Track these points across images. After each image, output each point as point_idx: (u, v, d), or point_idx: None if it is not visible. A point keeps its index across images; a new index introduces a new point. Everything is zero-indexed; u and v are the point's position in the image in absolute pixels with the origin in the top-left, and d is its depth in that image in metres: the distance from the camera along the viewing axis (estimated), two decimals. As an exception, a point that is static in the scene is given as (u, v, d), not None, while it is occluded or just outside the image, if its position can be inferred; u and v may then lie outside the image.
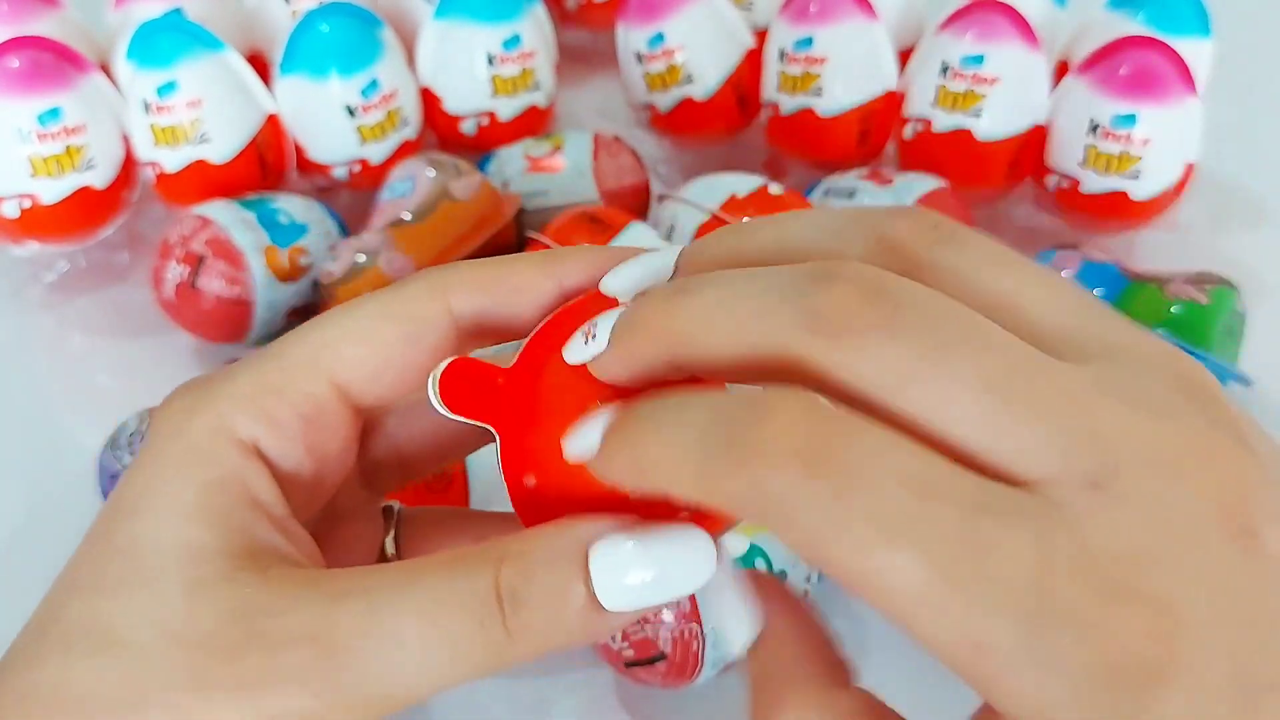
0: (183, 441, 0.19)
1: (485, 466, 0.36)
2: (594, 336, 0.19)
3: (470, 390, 0.19)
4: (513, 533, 0.19)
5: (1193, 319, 0.41)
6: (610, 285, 0.20)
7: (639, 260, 0.20)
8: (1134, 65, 0.44)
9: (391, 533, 0.24)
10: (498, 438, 0.19)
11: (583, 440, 0.18)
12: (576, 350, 0.19)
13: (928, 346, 0.15)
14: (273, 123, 0.48)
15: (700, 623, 0.31)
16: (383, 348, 0.20)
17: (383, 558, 0.24)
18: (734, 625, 0.20)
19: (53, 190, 0.44)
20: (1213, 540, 0.14)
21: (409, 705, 0.18)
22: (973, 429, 0.15)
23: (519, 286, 0.21)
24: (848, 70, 0.48)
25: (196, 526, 0.19)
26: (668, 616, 0.31)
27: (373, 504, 0.24)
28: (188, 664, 0.17)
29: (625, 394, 0.19)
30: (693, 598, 0.31)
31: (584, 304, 0.20)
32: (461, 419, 0.19)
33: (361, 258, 0.43)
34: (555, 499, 0.19)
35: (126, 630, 0.18)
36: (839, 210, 0.18)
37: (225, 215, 0.43)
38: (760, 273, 0.17)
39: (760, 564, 0.32)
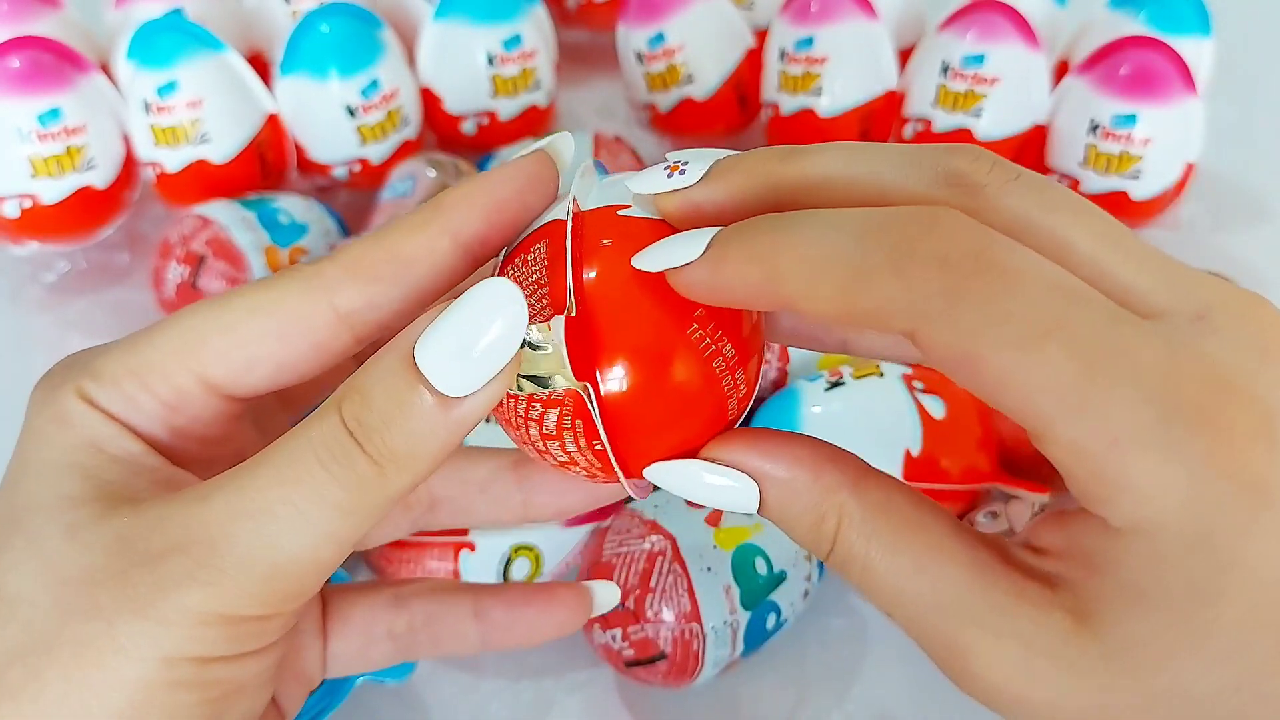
0: (50, 411, 0.20)
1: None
2: (681, 172, 0.18)
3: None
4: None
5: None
6: (637, 187, 0.19)
7: (655, 170, 0.19)
8: (1134, 65, 0.44)
9: None
10: (591, 398, 0.18)
11: (673, 250, 0.17)
12: (652, 180, 0.18)
13: (1053, 201, 0.17)
14: (273, 123, 0.48)
15: (701, 622, 0.31)
16: (252, 343, 0.19)
17: None
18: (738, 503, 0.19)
19: (53, 190, 0.44)
20: None
21: (319, 571, 0.18)
22: (1101, 261, 0.17)
23: (410, 258, 0.19)
24: (848, 70, 0.48)
25: (68, 480, 0.19)
26: (668, 616, 0.31)
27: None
28: (82, 599, 0.18)
29: (718, 313, 0.18)
30: (693, 597, 0.31)
31: (585, 220, 0.18)
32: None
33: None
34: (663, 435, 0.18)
35: (16, 584, 0.18)
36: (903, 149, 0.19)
37: (226, 215, 0.43)
38: (881, 145, 0.18)
39: (760, 563, 0.32)
